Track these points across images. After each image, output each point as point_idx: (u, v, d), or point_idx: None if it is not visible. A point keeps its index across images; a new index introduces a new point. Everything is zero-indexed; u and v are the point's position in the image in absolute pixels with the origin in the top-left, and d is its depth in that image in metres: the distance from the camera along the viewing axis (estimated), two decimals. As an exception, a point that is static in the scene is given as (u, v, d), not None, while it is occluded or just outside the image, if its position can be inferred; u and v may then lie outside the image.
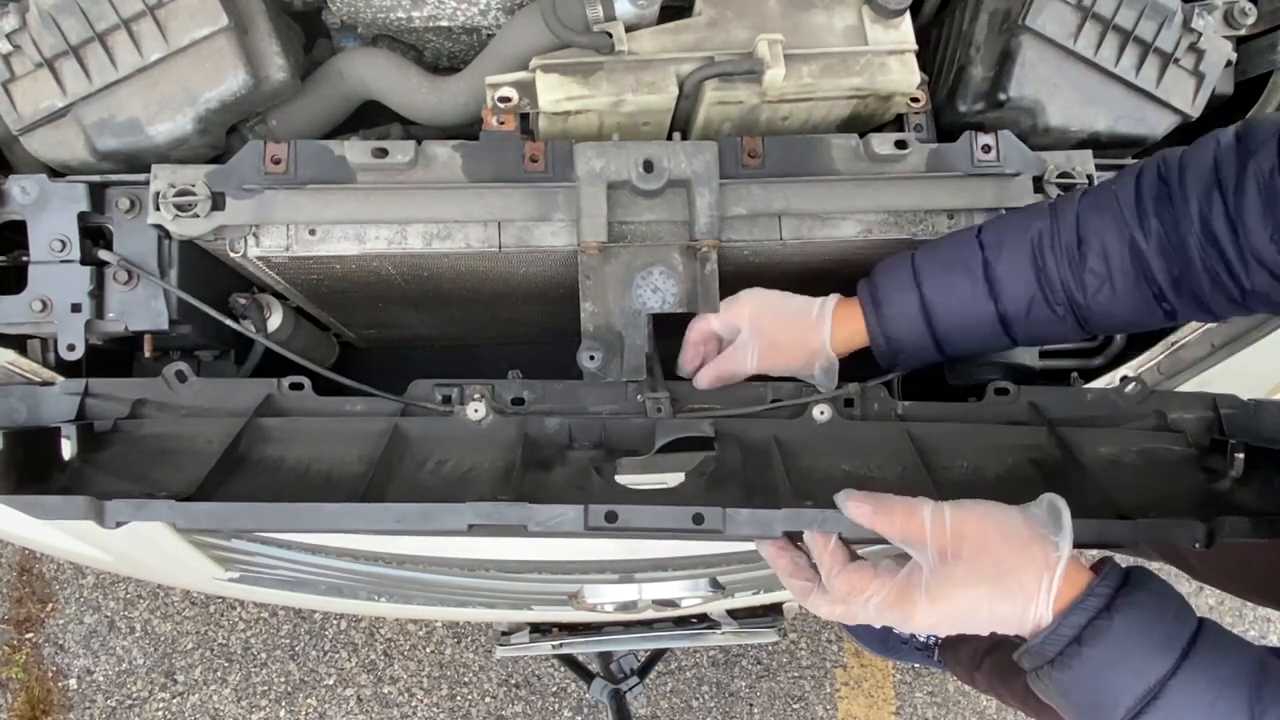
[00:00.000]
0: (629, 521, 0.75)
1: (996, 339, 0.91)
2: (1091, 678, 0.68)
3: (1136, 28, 1.03)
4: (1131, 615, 0.69)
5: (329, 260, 0.99)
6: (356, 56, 1.09)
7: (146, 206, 0.94)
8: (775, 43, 0.96)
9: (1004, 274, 0.88)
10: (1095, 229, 0.84)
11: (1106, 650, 0.68)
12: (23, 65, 0.93)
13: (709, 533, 0.75)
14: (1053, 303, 0.87)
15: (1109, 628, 0.68)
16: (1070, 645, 0.69)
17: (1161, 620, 0.69)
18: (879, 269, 0.95)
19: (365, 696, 2.36)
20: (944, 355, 0.94)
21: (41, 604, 2.36)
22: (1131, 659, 0.68)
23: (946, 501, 0.73)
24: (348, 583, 1.49)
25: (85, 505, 0.73)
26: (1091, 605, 0.69)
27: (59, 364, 0.98)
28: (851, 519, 0.73)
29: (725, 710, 2.42)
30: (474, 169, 0.96)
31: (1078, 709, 0.71)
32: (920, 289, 0.91)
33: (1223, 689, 0.66)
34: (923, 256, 0.92)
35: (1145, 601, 0.70)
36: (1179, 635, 0.68)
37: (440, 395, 0.93)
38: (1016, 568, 0.70)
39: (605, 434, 0.93)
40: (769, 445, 0.90)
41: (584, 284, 0.96)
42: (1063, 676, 0.69)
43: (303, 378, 0.93)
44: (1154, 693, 0.67)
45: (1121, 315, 0.86)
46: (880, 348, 0.94)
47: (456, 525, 0.74)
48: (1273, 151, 0.74)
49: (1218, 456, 0.91)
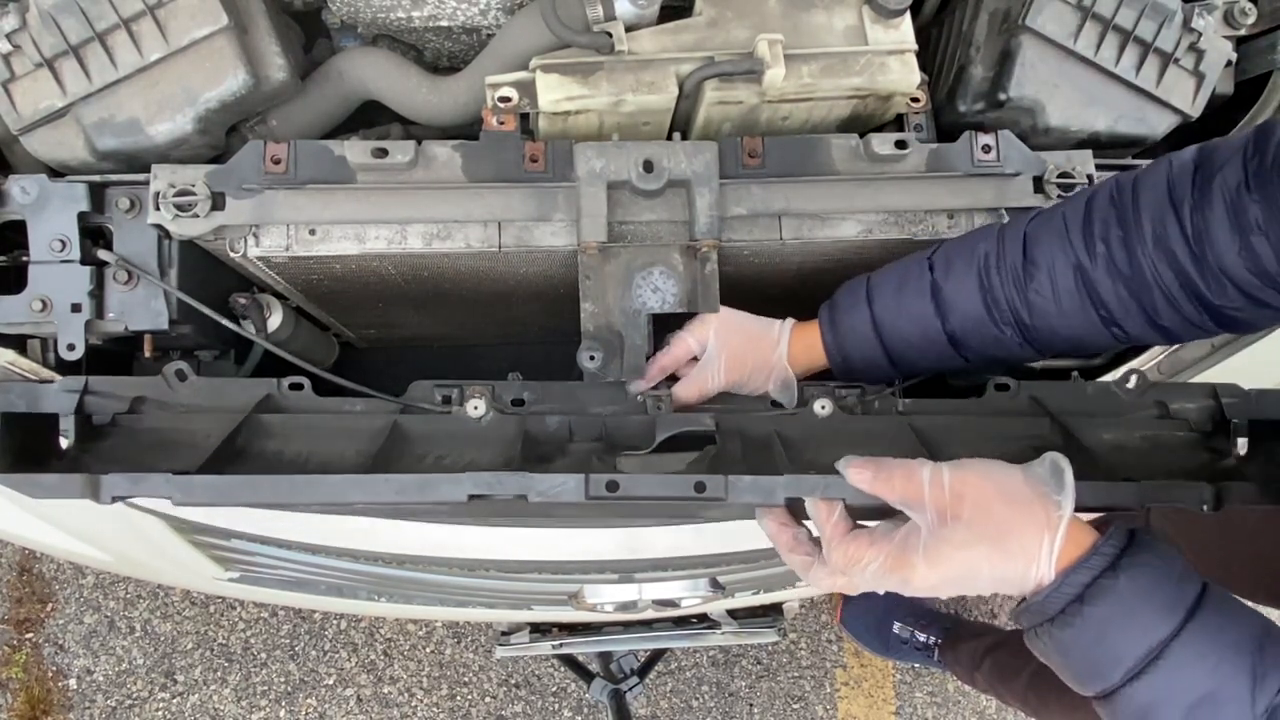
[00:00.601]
0: (630, 490, 0.74)
1: (949, 358, 0.93)
2: (1093, 636, 0.68)
3: (1136, 28, 1.03)
4: (1136, 575, 0.68)
5: (329, 260, 0.99)
6: (356, 56, 1.09)
7: (146, 206, 0.94)
8: (775, 43, 0.96)
9: (952, 293, 0.89)
10: (1043, 250, 0.85)
11: (1110, 609, 0.67)
12: (23, 65, 0.93)
13: (711, 501, 0.74)
14: (1000, 323, 0.88)
15: (1113, 586, 0.67)
16: (1073, 603, 0.68)
17: (1166, 581, 0.68)
18: (840, 288, 0.98)
19: (365, 696, 2.36)
20: (899, 371, 0.96)
21: (41, 604, 2.36)
22: (1135, 618, 0.67)
23: (946, 462, 0.73)
24: (348, 583, 1.49)
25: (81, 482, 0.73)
26: (1096, 564, 0.68)
27: (59, 364, 0.98)
28: (853, 484, 0.73)
29: (725, 710, 2.42)
30: (474, 169, 0.96)
31: (1077, 668, 0.70)
32: (871, 307, 0.93)
33: (1225, 652, 0.66)
34: (877, 276, 0.95)
35: (1150, 562, 0.69)
36: (1183, 597, 0.68)
37: (440, 396, 0.93)
38: (1017, 527, 0.69)
39: (606, 431, 0.93)
40: (770, 439, 0.91)
41: (584, 284, 0.96)
42: (1063, 635, 0.69)
43: (302, 378, 0.93)
44: (1156, 653, 0.66)
45: (1069, 336, 0.87)
46: (836, 363, 0.97)
47: (456, 496, 0.74)
48: (1238, 167, 0.74)
49: (1221, 438, 0.91)
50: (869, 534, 0.74)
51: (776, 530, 0.79)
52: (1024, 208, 1.00)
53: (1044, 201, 1.00)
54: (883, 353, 0.94)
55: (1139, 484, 0.75)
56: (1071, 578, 0.68)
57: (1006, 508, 0.70)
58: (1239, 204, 0.74)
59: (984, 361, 0.93)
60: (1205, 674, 0.65)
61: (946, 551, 0.70)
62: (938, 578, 0.70)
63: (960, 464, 0.73)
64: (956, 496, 0.70)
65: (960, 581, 0.71)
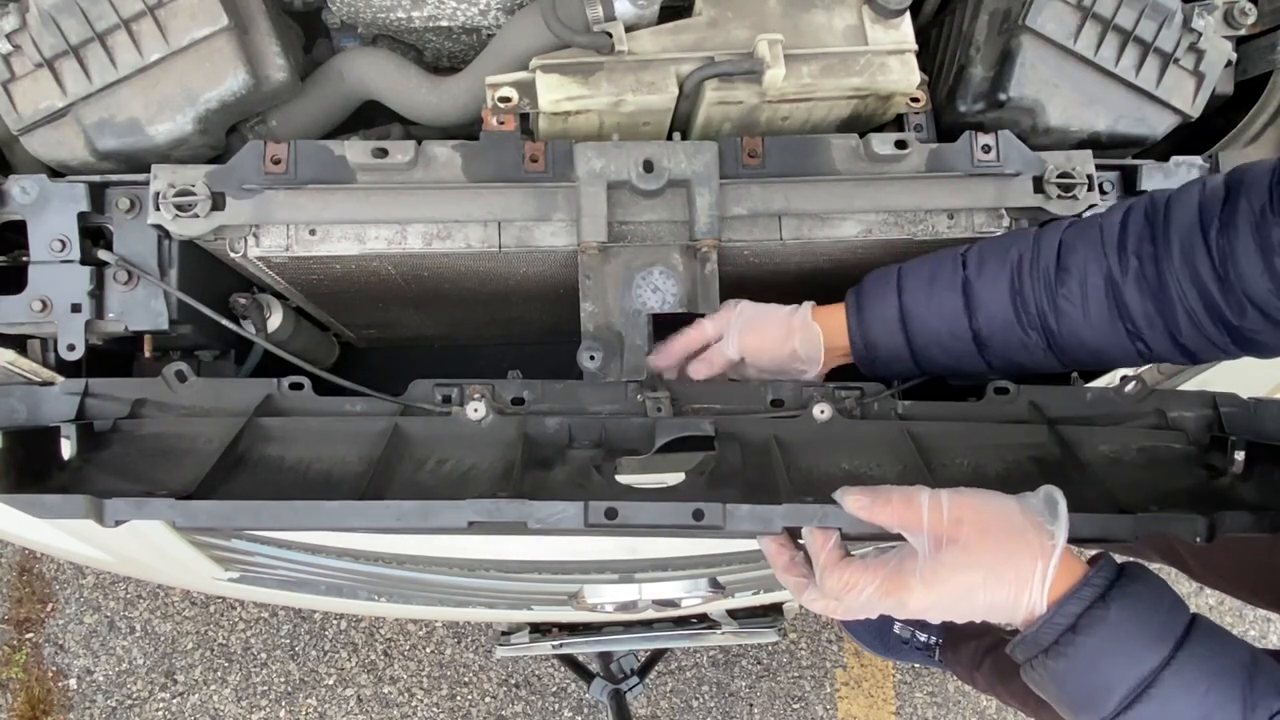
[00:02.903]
0: (629, 518, 0.74)
1: (971, 359, 0.93)
2: (1086, 666, 0.69)
3: (1136, 28, 1.03)
4: (1127, 605, 0.69)
5: (329, 260, 0.98)
6: (356, 56, 1.09)
7: (146, 206, 0.94)
8: (775, 43, 0.96)
9: (982, 291, 0.90)
10: (1076, 258, 0.86)
11: (1102, 639, 0.69)
12: (23, 65, 0.93)
13: (709, 529, 0.74)
14: (1027, 326, 0.88)
15: (1105, 616, 0.69)
16: (1066, 633, 0.69)
17: (1157, 611, 0.70)
18: (869, 275, 0.97)
19: (365, 696, 2.36)
20: (920, 368, 0.96)
21: (41, 604, 2.36)
22: (1127, 648, 0.68)
23: (944, 489, 0.74)
24: (348, 583, 1.49)
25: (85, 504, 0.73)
26: (1087, 594, 0.70)
27: (59, 364, 0.98)
28: (851, 513, 0.74)
29: (725, 710, 2.42)
30: (474, 169, 0.96)
31: (1072, 698, 0.71)
32: (900, 297, 0.93)
33: (1216, 679, 0.67)
34: (908, 267, 0.95)
35: (1140, 593, 0.70)
36: (1173, 626, 0.69)
37: (440, 395, 0.93)
38: (1013, 555, 0.71)
39: (605, 433, 0.93)
40: (769, 444, 0.90)
41: (584, 284, 0.96)
42: (1057, 665, 0.70)
43: (302, 378, 0.93)
44: (1149, 681, 0.67)
45: (1094, 346, 0.87)
46: (858, 350, 0.96)
47: (456, 523, 0.74)
48: (1264, 190, 0.76)
49: (1218, 454, 0.91)
50: (863, 560, 0.75)
51: (775, 551, 0.80)
52: (1024, 208, 1.00)
53: (1044, 201, 1.00)
54: (906, 345, 0.94)
55: (1135, 517, 0.75)
56: (1064, 607, 0.70)
57: (1003, 534, 0.71)
58: (1263, 226, 0.75)
59: (1005, 366, 0.93)
60: (1196, 702, 0.67)
61: (943, 574, 0.71)
62: (933, 599, 0.71)
63: (959, 492, 0.74)
64: (955, 521, 0.72)
65: (954, 605, 0.72)
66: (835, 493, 0.75)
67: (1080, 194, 1.00)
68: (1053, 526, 0.71)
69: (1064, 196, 1.00)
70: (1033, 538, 0.71)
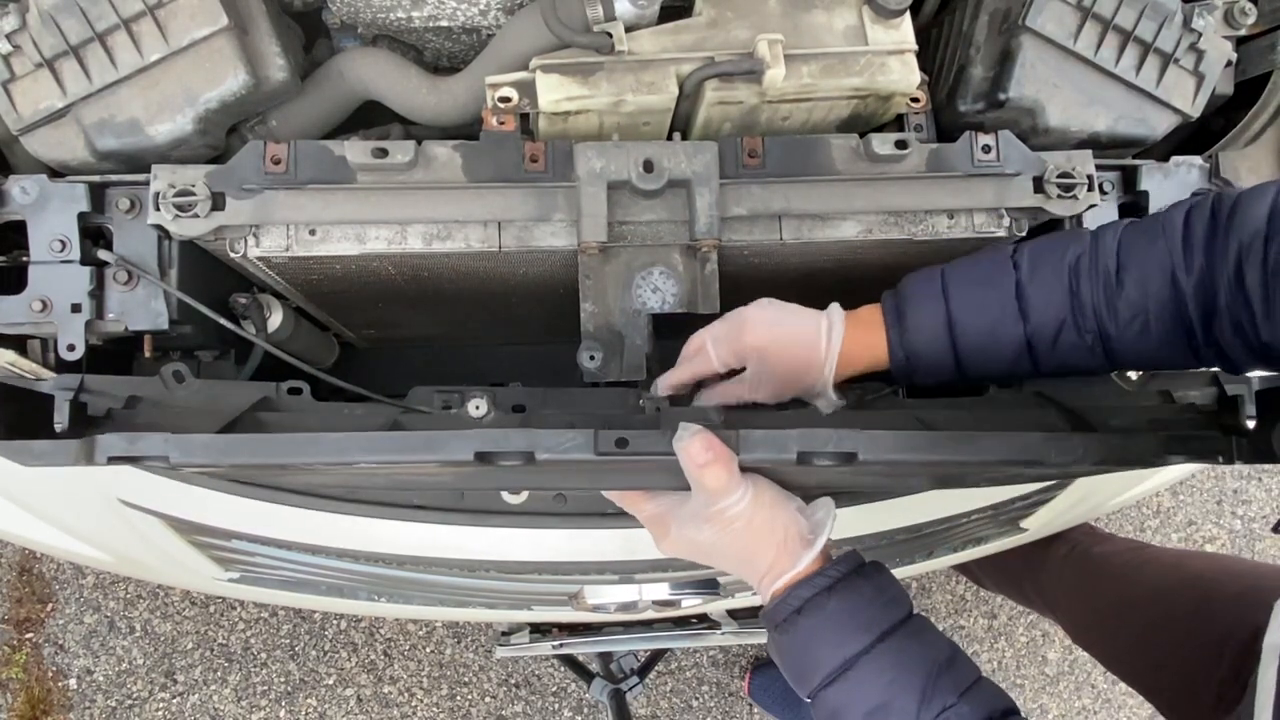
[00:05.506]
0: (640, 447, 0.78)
1: (1019, 364, 0.88)
2: (803, 645, 0.80)
3: (1136, 28, 1.03)
4: (846, 596, 0.80)
5: (329, 260, 0.98)
6: (356, 56, 1.09)
7: (146, 206, 0.94)
8: (775, 43, 0.96)
9: (1035, 295, 0.85)
10: (1137, 257, 0.82)
11: (818, 623, 0.79)
12: (23, 65, 0.93)
13: None
14: (1083, 330, 0.84)
15: (825, 604, 0.79)
16: (792, 615, 0.80)
17: (871, 605, 0.80)
18: (906, 280, 0.91)
19: (365, 696, 2.36)
20: (962, 375, 0.90)
21: (41, 604, 2.36)
22: (837, 633, 0.79)
23: (758, 483, 0.84)
24: (348, 583, 1.49)
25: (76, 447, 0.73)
26: (818, 583, 0.80)
27: (59, 364, 0.98)
28: (684, 446, 0.80)
29: (725, 710, 2.42)
30: (474, 169, 0.96)
31: (790, 670, 0.82)
32: (948, 303, 0.87)
33: (902, 671, 0.76)
34: (953, 270, 0.89)
35: (862, 588, 0.81)
36: (881, 620, 0.79)
37: (440, 402, 0.93)
38: (762, 552, 0.83)
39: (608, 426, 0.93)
40: None
41: (584, 284, 0.96)
42: (782, 640, 0.81)
43: (301, 383, 0.93)
44: (848, 665, 0.77)
45: (1151, 350, 0.83)
46: (899, 362, 0.89)
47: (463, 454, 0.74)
48: None
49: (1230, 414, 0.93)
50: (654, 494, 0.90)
51: None
52: (1024, 208, 1.00)
53: (1044, 201, 1.00)
54: (951, 353, 0.88)
55: (1155, 435, 0.79)
56: (795, 591, 0.81)
57: (763, 531, 0.83)
58: None
59: (1055, 370, 0.88)
60: (882, 688, 0.76)
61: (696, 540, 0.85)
62: (677, 551, 0.87)
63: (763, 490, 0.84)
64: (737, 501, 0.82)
65: (698, 560, 0.87)
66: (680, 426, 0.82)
67: (1080, 194, 0.99)
68: (812, 535, 0.83)
69: (1064, 196, 1.00)
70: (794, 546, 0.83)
